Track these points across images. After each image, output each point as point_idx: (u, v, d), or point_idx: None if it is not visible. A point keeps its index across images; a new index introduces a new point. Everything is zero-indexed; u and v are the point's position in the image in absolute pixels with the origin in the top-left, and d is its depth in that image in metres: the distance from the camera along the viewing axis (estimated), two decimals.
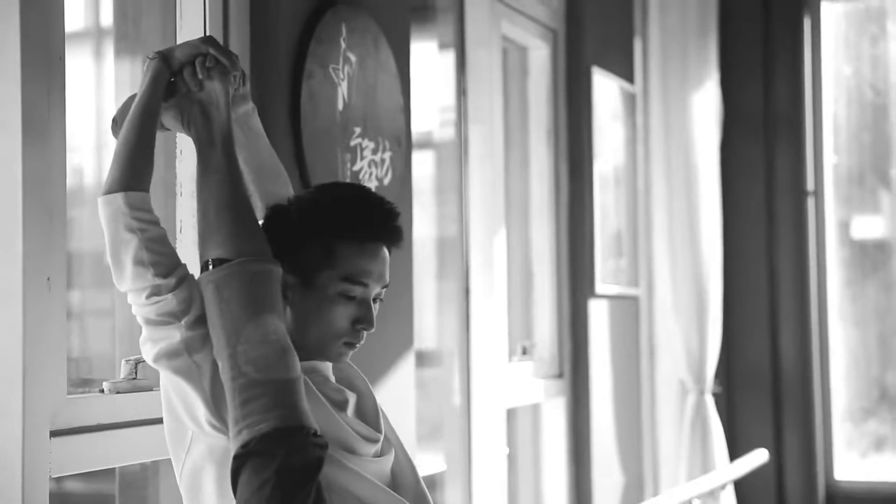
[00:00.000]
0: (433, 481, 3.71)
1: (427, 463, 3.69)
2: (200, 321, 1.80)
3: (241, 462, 1.70)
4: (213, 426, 1.79)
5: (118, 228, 1.80)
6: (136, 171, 1.82)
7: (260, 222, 1.93)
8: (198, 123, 1.89)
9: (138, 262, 1.79)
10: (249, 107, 2.00)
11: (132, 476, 2.52)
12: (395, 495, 1.91)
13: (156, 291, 1.79)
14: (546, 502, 4.32)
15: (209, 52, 1.88)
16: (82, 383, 2.34)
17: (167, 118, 1.92)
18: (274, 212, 1.96)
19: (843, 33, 5.51)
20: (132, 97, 1.91)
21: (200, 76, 1.88)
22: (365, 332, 1.94)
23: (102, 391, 2.19)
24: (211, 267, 1.80)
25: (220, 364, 1.77)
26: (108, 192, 1.80)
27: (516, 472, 4.24)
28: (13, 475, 1.92)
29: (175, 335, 1.79)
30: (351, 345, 1.94)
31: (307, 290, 1.90)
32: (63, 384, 2.04)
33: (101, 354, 2.84)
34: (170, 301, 1.79)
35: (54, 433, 1.99)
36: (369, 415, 2.00)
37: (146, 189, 1.83)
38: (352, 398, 1.99)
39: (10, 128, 1.96)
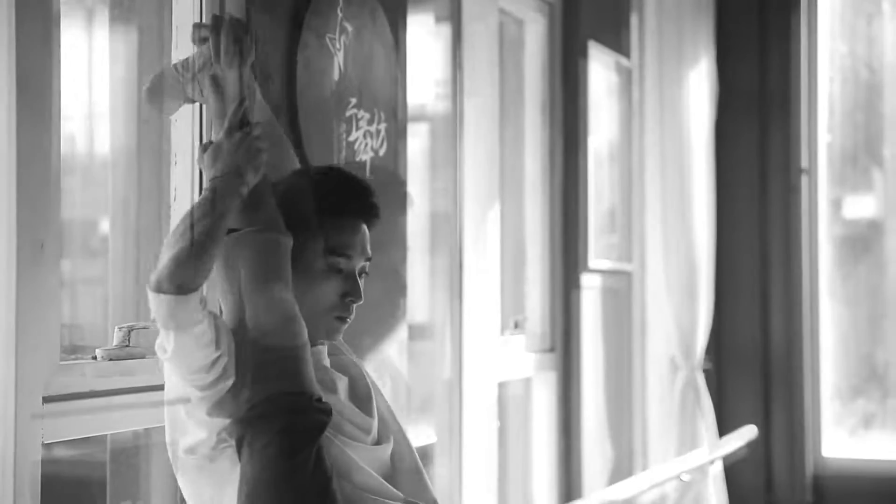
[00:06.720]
0: (423, 453, 3.71)
1: (418, 435, 3.70)
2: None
3: (245, 425, 1.75)
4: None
5: (189, 327, 1.80)
6: (203, 273, 1.81)
7: None
8: (210, 97, 1.95)
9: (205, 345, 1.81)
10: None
11: (124, 443, 2.53)
12: (386, 483, 1.93)
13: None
14: (536, 475, 4.33)
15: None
16: (74, 350, 2.34)
17: (192, 91, 1.99)
18: None
19: (839, 12, 5.50)
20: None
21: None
22: (354, 306, 1.98)
23: (95, 358, 2.19)
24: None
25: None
26: (183, 292, 1.77)
27: (506, 445, 4.25)
28: (6, 441, 1.92)
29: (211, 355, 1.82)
30: (342, 319, 1.99)
31: (294, 269, 1.93)
32: (56, 350, 2.04)
33: (93, 323, 2.84)
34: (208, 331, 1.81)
35: (47, 399, 2.00)
36: (361, 399, 2.04)
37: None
38: (342, 381, 2.02)
39: (5, 95, 1.95)
